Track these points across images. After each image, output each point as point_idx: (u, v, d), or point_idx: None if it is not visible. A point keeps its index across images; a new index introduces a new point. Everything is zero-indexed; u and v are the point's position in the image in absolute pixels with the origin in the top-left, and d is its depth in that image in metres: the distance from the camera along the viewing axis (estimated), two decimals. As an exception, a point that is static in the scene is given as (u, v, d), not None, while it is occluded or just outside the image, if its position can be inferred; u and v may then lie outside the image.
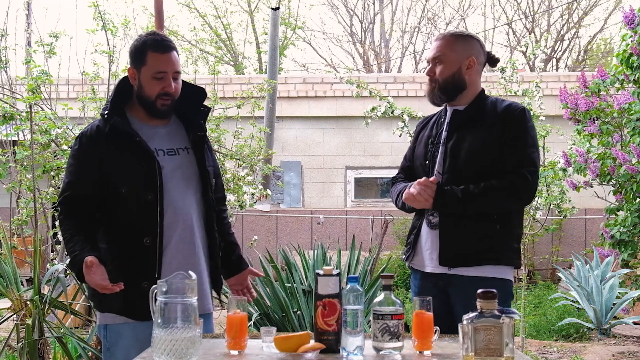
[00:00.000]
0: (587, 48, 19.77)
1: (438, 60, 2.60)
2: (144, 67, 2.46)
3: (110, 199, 2.43)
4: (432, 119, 2.77)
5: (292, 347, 1.99)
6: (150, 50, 2.45)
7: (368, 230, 9.29)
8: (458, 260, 2.52)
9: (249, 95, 6.38)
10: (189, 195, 2.51)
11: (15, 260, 4.25)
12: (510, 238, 2.57)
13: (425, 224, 2.62)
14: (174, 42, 2.55)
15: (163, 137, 2.53)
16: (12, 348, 4.26)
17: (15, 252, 4.58)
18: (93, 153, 2.44)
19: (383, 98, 6.19)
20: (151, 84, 2.46)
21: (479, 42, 2.66)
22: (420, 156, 2.71)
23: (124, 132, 2.44)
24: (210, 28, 20.14)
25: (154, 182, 2.42)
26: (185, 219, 2.47)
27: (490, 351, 1.77)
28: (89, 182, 2.43)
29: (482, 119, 2.57)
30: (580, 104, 5.25)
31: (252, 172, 6.09)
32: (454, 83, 2.59)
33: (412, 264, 2.70)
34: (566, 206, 6.06)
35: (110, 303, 2.41)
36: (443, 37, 2.63)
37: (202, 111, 2.63)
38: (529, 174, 2.49)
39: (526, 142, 2.53)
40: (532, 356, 5.42)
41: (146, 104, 2.49)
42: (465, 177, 2.52)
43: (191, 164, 2.54)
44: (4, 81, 5.70)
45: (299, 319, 4.33)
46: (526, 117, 2.55)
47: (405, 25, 20.98)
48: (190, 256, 2.47)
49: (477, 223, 2.51)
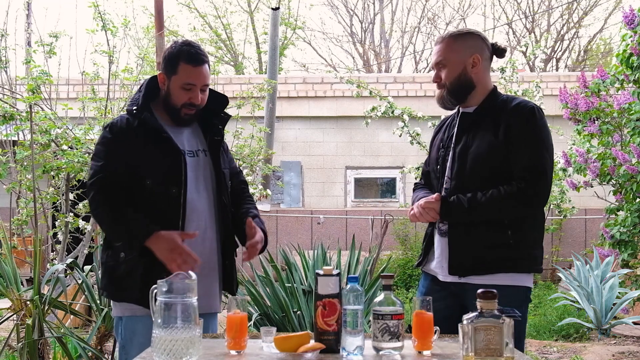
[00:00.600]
0: (587, 48, 19.78)
1: (441, 64, 2.52)
2: (175, 76, 2.52)
3: (136, 190, 2.47)
4: (447, 121, 2.69)
5: (292, 347, 1.99)
6: (183, 61, 2.50)
7: (368, 230, 9.29)
8: (467, 269, 2.44)
9: (249, 95, 6.39)
10: (204, 196, 2.56)
11: (15, 260, 4.25)
12: (525, 243, 2.44)
13: (436, 231, 2.56)
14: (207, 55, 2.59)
15: (184, 138, 2.59)
16: (12, 348, 4.26)
17: (15, 252, 4.58)
18: (123, 143, 2.48)
19: (383, 98, 6.20)
20: (179, 93, 2.52)
21: (480, 36, 2.55)
22: (433, 161, 2.65)
23: (152, 128, 2.50)
24: (210, 28, 20.15)
25: (179, 177, 2.48)
26: (199, 218, 2.52)
27: (490, 351, 1.77)
28: (118, 167, 2.47)
29: (490, 120, 2.46)
30: (580, 104, 5.25)
31: (252, 172, 6.10)
32: (461, 84, 2.50)
33: (425, 269, 2.64)
34: (566, 206, 6.07)
35: (127, 292, 2.44)
36: (442, 40, 2.55)
37: (222, 117, 2.70)
38: (537, 179, 2.38)
39: (535, 143, 2.40)
40: (532, 356, 5.42)
41: (171, 111, 2.55)
42: (472, 183, 2.44)
43: (208, 166, 2.60)
44: (4, 81, 5.71)
45: (299, 319, 4.32)
46: (536, 116, 2.41)
47: (405, 25, 21.02)
48: (202, 255, 2.50)
49: (488, 230, 2.41)
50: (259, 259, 4.88)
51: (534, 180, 2.38)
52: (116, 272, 2.47)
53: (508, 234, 2.40)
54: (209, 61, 2.58)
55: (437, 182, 2.59)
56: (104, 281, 2.54)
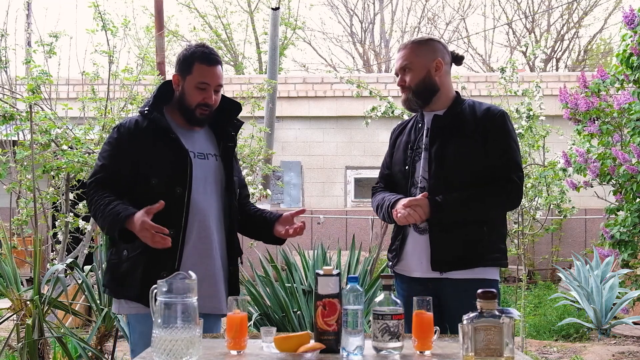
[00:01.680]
0: (587, 48, 19.78)
1: (406, 68, 2.66)
2: (189, 76, 2.57)
3: (140, 189, 2.51)
4: (408, 125, 2.82)
5: (292, 347, 1.99)
6: (198, 61, 2.56)
7: (368, 230, 9.29)
8: (449, 264, 2.55)
9: (249, 95, 6.39)
10: (212, 199, 2.59)
11: (15, 260, 4.25)
12: (497, 239, 2.62)
13: (412, 229, 2.63)
14: (221, 57, 2.63)
15: (195, 141, 2.62)
16: (12, 348, 4.26)
17: (15, 252, 4.58)
18: (129, 144, 2.53)
19: (383, 98, 6.19)
20: (194, 93, 2.57)
21: (441, 43, 2.73)
22: (399, 162, 2.74)
23: (161, 129, 2.54)
24: (210, 28, 20.15)
25: (184, 177, 2.51)
26: (203, 220, 2.55)
27: (490, 351, 1.77)
28: (121, 168, 2.52)
29: (463, 123, 2.61)
30: (580, 104, 5.24)
31: (252, 172, 6.10)
32: (425, 87, 2.64)
33: (396, 269, 2.70)
34: (566, 206, 6.06)
35: (128, 289, 2.48)
36: (406, 47, 2.70)
37: (235, 124, 2.75)
38: (518, 179, 2.57)
39: (511, 146, 2.60)
40: (532, 356, 5.42)
41: (185, 111, 2.60)
42: (453, 184, 2.56)
43: (219, 171, 2.64)
44: (4, 81, 5.71)
45: (299, 319, 4.33)
46: (507, 122, 2.62)
47: (405, 25, 21.01)
48: (206, 256, 2.54)
49: (466, 226, 2.55)
50: (259, 259, 4.89)
51: (520, 180, 2.57)
52: (119, 269, 2.52)
53: (484, 230, 2.56)
54: (222, 63, 2.64)
55: (405, 182, 2.68)
56: (106, 278, 2.59)
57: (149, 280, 2.33)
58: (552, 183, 5.75)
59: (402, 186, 2.69)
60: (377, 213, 2.77)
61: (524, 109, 5.59)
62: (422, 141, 2.67)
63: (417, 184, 2.64)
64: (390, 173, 2.81)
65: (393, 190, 2.74)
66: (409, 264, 2.65)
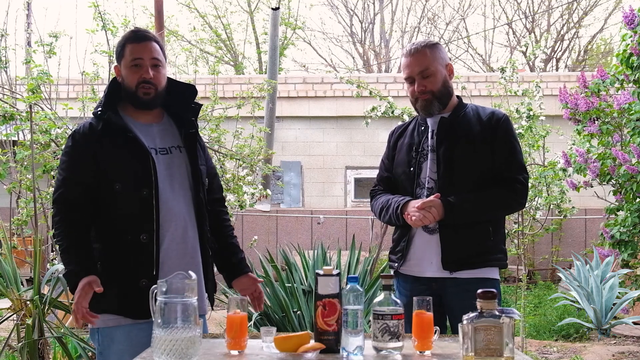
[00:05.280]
0: (587, 48, 19.77)
1: (426, 73, 2.64)
2: (123, 60, 2.50)
3: (106, 196, 2.41)
4: (409, 127, 2.81)
5: (292, 347, 1.99)
6: (128, 42, 2.50)
7: (368, 230, 9.28)
8: (460, 264, 2.57)
9: (249, 95, 6.38)
10: (181, 194, 2.48)
11: (15, 260, 4.25)
12: (499, 239, 2.68)
13: (421, 229, 2.63)
14: (156, 35, 2.57)
15: (155, 135, 2.51)
16: (12, 348, 4.26)
17: (15, 252, 4.58)
18: (86, 150, 2.42)
19: (383, 98, 6.19)
20: (130, 74, 2.47)
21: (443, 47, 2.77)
22: (403, 164, 2.73)
23: (117, 128, 2.43)
24: (210, 28, 20.14)
25: (149, 178, 2.40)
26: (177, 219, 2.45)
27: (490, 351, 1.77)
28: (82, 179, 2.41)
29: (469, 126, 2.65)
30: (580, 104, 5.24)
31: (252, 172, 6.09)
32: (446, 90, 2.67)
33: (402, 270, 2.69)
34: (566, 206, 6.07)
35: (106, 304, 2.37)
36: (418, 52, 2.66)
37: (193, 108, 2.62)
38: (524, 180, 2.63)
39: (516, 148, 2.67)
40: (532, 356, 5.42)
41: (130, 96, 2.49)
42: (461, 184, 2.58)
43: (184, 163, 2.52)
44: (4, 81, 5.70)
45: (299, 319, 4.33)
46: (511, 125, 2.70)
47: (405, 25, 21.01)
48: (184, 256, 2.45)
49: (474, 227, 2.58)
50: (259, 259, 4.89)
51: (525, 181, 2.64)
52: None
53: (489, 230, 2.60)
54: (157, 40, 2.54)
55: (410, 184, 2.68)
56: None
57: (127, 290, 2.31)
58: (552, 183, 5.75)
59: (406, 188, 2.69)
60: (380, 216, 2.75)
61: (524, 109, 5.59)
62: (427, 143, 2.68)
63: (423, 185, 2.65)
64: (391, 175, 2.80)
65: (394, 193, 2.74)
66: (417, 264, 2.65)
